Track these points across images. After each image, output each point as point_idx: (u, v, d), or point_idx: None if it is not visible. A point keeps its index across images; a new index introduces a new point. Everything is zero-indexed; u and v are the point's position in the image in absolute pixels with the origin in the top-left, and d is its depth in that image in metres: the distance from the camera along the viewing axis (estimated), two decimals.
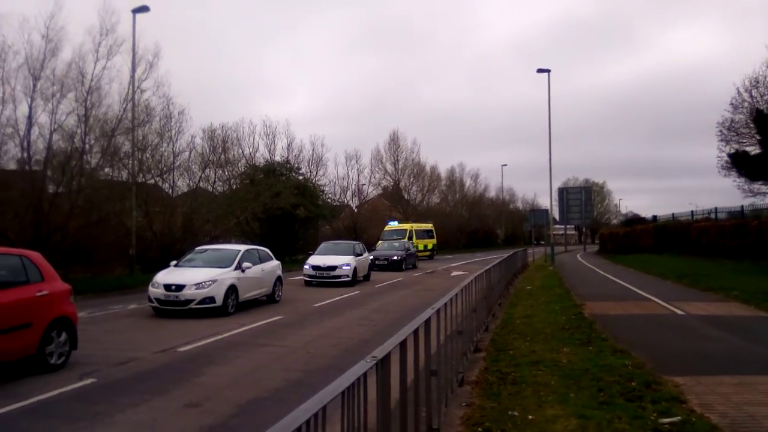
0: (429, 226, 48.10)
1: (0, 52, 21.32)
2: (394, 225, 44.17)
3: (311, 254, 24.04)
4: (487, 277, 11.64)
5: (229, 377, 8.05)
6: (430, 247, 46.78)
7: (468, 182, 77.21)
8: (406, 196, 63.54)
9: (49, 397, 6.90)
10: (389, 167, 62.39)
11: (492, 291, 12.64)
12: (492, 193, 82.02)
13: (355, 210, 56.83)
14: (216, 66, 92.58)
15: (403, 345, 3.80)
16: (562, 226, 57.69)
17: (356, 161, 57.13)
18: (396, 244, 35.66)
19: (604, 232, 64.95)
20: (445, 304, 5.90)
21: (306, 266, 22.61)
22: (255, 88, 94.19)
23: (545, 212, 43.87)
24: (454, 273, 28.52)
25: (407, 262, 31.99)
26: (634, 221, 60.75)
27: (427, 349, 4.79)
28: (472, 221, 71.71)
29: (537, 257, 39.74)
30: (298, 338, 11.04)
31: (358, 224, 50.42)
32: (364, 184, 58.85)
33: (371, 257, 31.33)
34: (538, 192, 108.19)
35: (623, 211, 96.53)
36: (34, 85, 21.74)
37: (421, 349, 4.57)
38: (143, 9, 23.18)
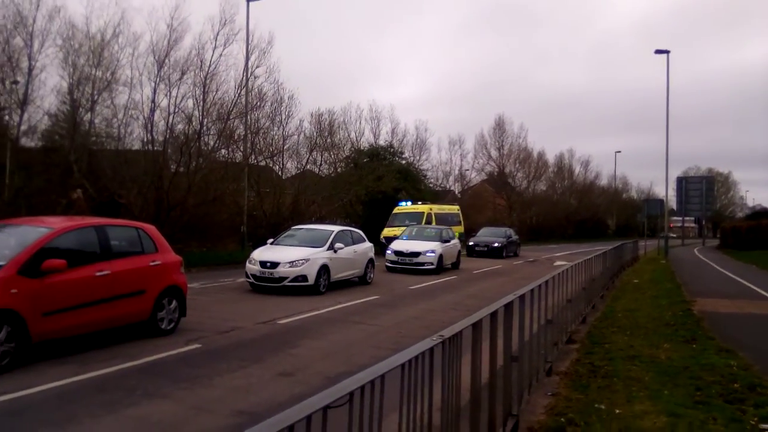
0: (454, 209, 36.75)
1: (132, 40, 23.13)
2: (405, 206, 32.66)
3: (396, 238, 23.59)
4: (588, 267, 11.25)
5: (321, 351, 8.38)
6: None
7: (577, 169, 74.23)
8: (511, 182, 62.23)
9: (157, 359, 7.51)
10: (494, 152, 61.30)
11: (593, 282, 12.20)
12: (603, 181, 78.40)
13: (458, 195, 56.53)
14: (326, 52, 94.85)
15: (476, 326, 3.79)
16: (680, 218, 54.25)
17: (459, 146, 56.76)
18: (495, 230, 34.31)
19: (725, 225, 60.23)
20: (531, 290, 5.80)
21: (388, 251, 21.88)
22: (364, 73, 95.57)
23: (660, 202, 41.26)
24: (558, 263, 27.70)
25: (508, 249, 31.38)
26: (760, 215, 55.93)
27: (507, 334, 4.74)
28: (580, 210, 69.04)
29: (649, 250, 37.69)
30: (391, 318, 11.25)
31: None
32: (467, 170, 58.39)
33: (471, 243, 31.14)
34: (655, 181, 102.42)
35: (750, 204, 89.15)
36: (158, 71, 23.37)
37: (500, 334, 4.55)
38: None
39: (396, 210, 32.37)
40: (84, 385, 6.29)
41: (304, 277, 13.93)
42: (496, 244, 30.69)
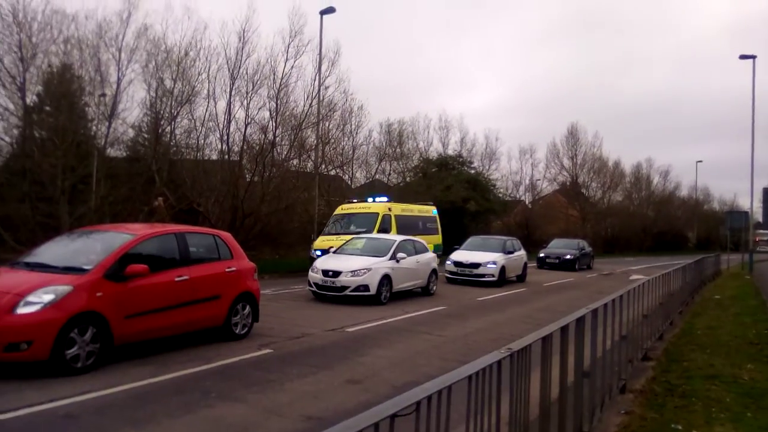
0: (429, 210, 24.63)
1: (207, 54, 24.15)
2: (351, 206, 22.63)
3: (456, 248, 22.02)
4: (666, 281, 10.81)
5: (388, 360, 8.43)
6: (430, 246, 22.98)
7: (656, 179, 71.19)
8: (584, 193, 60.55)
9: (231, 363, 7.77)
10: (566, 162, 59.68)
11: (672, 297, 11.70)
12: (684, 191, 74.85)
13: (529, 206, 55.52)
14: (395, 61, 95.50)
15: (546, 340, 3.74)
16: (766, 231, 51.18)
17: (531, 155, 55.72)
18: (567, 242, 32.46)
19: None
20: (605, 305, 5.63)
21: (448, 262, 20.76)
22: (434, 83, 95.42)
23: (745, 214, 39.10)
24: (634, 277, 26.69)
25: (581, 261, 30.45)
26: None
27: (579, 350, 4.64)
28: (658, 222, 66.25)
29: (732, 264, 35.77)
30: (459, 330, 11.18)
31: (530, 221, 49.27)
32: (538, 179, 57.21)
33: (541, 255, 30.40)
34: (739, 192, 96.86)
35: None
36: (232, 84, 24.28)
37: (571, 349, 4.45)
38: (330, 10, 24.66)
39: (337, 210, 22.45)
40: (163, 386, 6.58)
41: (365, 287, 13.95)
42: (568, 256, 29.82)
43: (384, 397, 6.51)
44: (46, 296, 6.68)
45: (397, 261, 14.94)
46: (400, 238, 16.57)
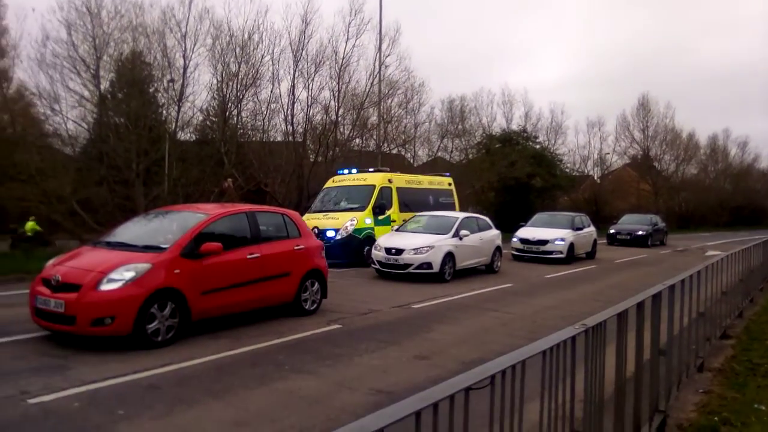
0: (442, 182, 21.14)
1: (271, 37, 24.49)
2: (343, 176, 19.30)
3: (522, 226, 21.58)
4: (746, 257, 10.31)
5: (455, 336, 8.44)
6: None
7: (733, 151, 67.37)
8: (656, 166, 58.16)
9: (303, 337, 7.99)
10: (637, 134, 57.38)
11: (752, 274, 11.16)
12: (763, 163, 70.76)
13: (597, 181, 53.90)
14: (456, 37, 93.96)
15: (621, 316, 3.65)
16: None
17: (599, 129, 53.87)
18: (639, 217, 31.07)
19: None
20: (682, 281, 5.43)
21: (514, 239, 20.34)
22: (497, 57, 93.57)
23: None
24: (710, 252, 25.58)
25: (654, 237, 29.38)
26: None
27: (655, 327, 4.50)
28: (736, 195, 62.85)
29: None
30: (526, 307, 11.05)
31: (599, 196, 47.84)
32: (607, 153, 55.34)
33: (612, 231, 29.52)
34: None
35: None
36: (295, 65, 24.57)
37: (647, 326, 4.33)
38: None
39: (327, 183, 19.41)
40: (238, 359, 6.84)
41: (428, 264, 13.93)
42: (640, 232, 28.81)
43: (453, 372, 6.54)
44: (127, 273, 7.00)
45: (461, 238, 14.83)
46: (462, 215, 16.46)
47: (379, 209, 17.38)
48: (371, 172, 19.00)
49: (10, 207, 21.17)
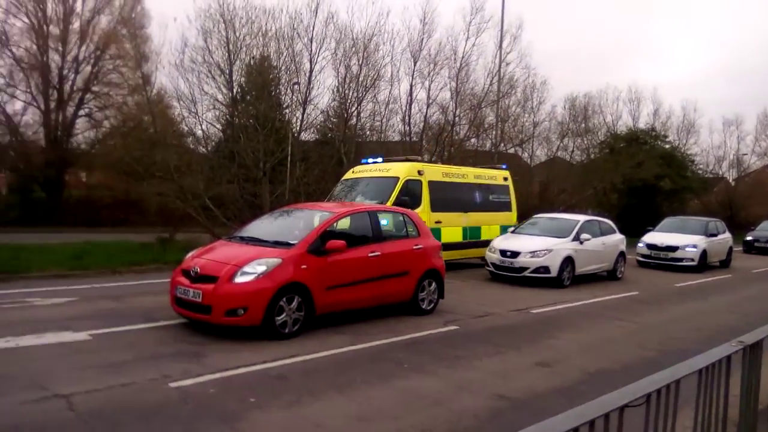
0: (494, 175, 17.57)
1: (390, 39, 24.87)
2: (365, 167, 15.91)
3: (649, 230, 20.24)
4: None
5: (579, 344, 8.12)
6: (495, 229, 16.65)
7: None
8: None
9: (420, 337, 8.01)
10: None
11: None
12: None
13: (732, 183, 49.72)
14: (581, 32, 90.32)
15: None
16: None
17: (736, 127, 49.52)
18: None
19: None
20: None
21: (640, 244, 19.17)
22: (624, 53, 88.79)
23: None
24: None
25: None
26: None
27: None
28: None
29: None
30: (655, 317, 10.41)
31: (734, 200, 44.09)
32: (745, 154, 50.79)
33: (749, 238, 27.14)
34: None
35: None
36: (414, 66, 24.74)
37: None
38: None
39: (347, 174, 16.46)
40: (359, 355, 6.99)
41: (546, 269, 13.42)
42: None
43: (577, 382, 6.30)
44: (259, 267, 7.36)
45: (581, 242, 14.17)
46: (583, 218, 15.75)
47: (403, 206, 12.70)
48: (398, 161, 15.50)
49: (150, 202, 22.98)
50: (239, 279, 7.27)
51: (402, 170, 14.59)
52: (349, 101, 25.40)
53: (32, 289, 10.22)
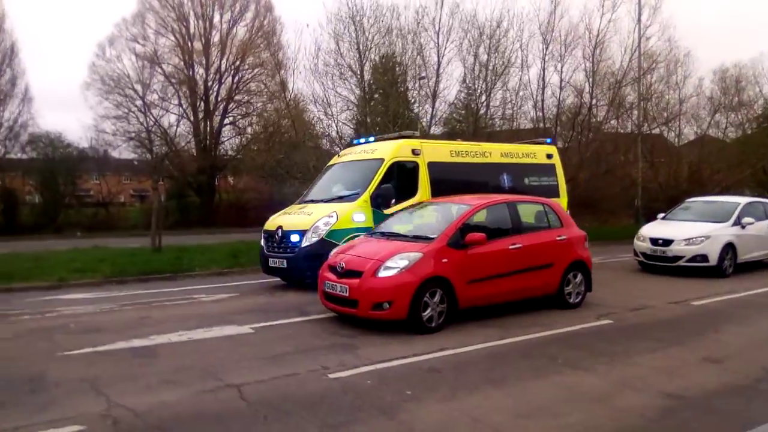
0: (531, 152, 13.83)
1: (519, 23, 24.18)
2: (351, 149, 13.22)
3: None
4: None
5: (750, 338, 7.43)
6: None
7: None
8: None
9: (572, 331, 7.70)
10: None
11: None
12: None
13: None
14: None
15: None
16: None
17: None
18: None
19: None
20: None
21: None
22: None
23: None
24: None
25: None
26: None
27: None
28: None
29: None
30: None
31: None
32: None
33: None
34: None
35: None
36: (545, 49, 23.88)
37: None
38: None
39: (332, 160, 13.74)
40: (509, 349, 6.85)
41: (703, 257, 12.33)
42: None
43: (753, 380, 5.75)
44: (401, 262, 7.46)
45: (743, 227, 12.92)
46: (744, 200, 14.30)
47: (383, 198, 10.91)
48: (390, 139, 12.40)
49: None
50: (383, 273, 7.42)
51: (389, 150, 11.59)
52: (478, 91, 25.08)
53: (197, 286, 11.15)
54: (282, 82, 25.91)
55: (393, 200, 10.85)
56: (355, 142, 13.63)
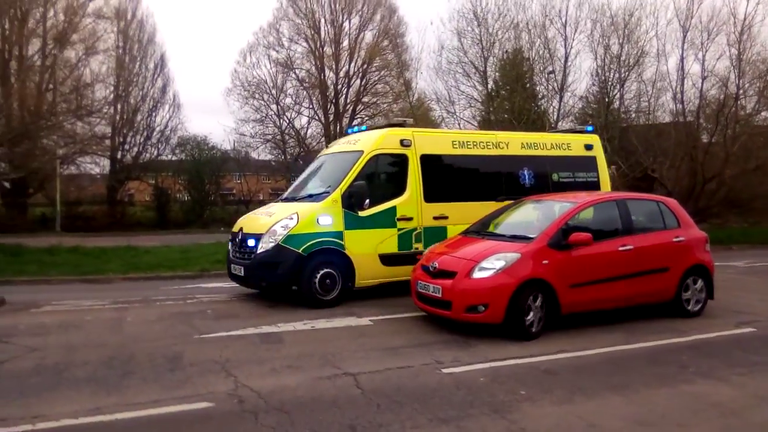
0: (566, 142, 11.59)
1: (654, 11, 22.72)
2: (338, 141, 12.03)
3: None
4: None
5: None
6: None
7: None
8: None
9: (707, 339, 7.16)
10: None
11: None
12: None
13: None
14: None
15: None
16: None
17: None
18: None
19: None
20: None
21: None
22: None
23: None
24: None
25: None
26: None
27: None
28: None
29: None
30: None
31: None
32: None
33: None
34: None
35: None
36: (684, 36, 22.20)
37: None
38: None
39: (321, 152, 12.61)
40: (634, 355, 6.51)
41: None
42: None
43: None
44: (497, 263, 7.01)
45: None
46: None
47: (356, 197, 9.25)
48: (381, 128, 10.40)
49: None
50: (477, 274, 7.04)
51: (371, 141, 9.86)
52: (610, 83, 23.88)
53: None
54: (406, 82, 26.26)
55: (367, 200, 9.24)
56: (347, 131, 11.73)
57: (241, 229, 9.71)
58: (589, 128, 12.41)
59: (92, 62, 25.63)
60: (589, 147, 11.65)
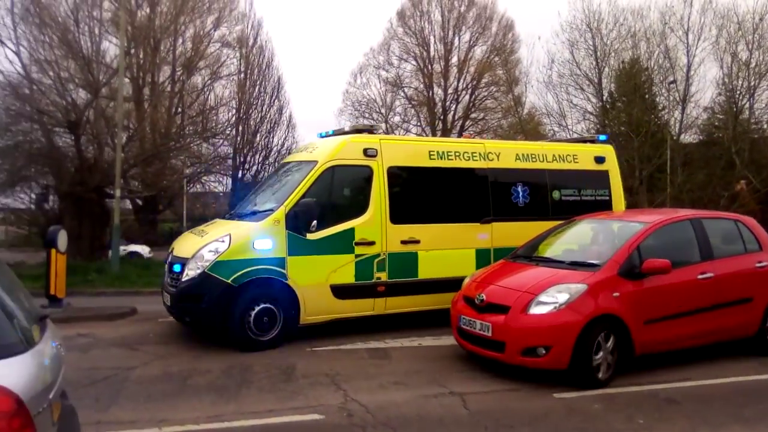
0: (574, 152, 9.68)
1: None
2: (301, 147, 10.24)
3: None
4: None
5: None
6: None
7: None
8: None
9: None
10: None
11: None
12: None
13: None
14: None
15: None
16: None
17: None
18: None
19: None
20: None
21: None
22: None
23: None
24: None
25: None
26: None
27: None
28: None
29: None
30: None
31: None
32: None
33: None
34: None
35: None
36: None
37: None
38: None
39: (283, 160, 11.62)
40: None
41: None
42: None
43: None
44: (560, 296, 5.92)
45: None
46: None
47: (303, 216, 7.57)
48: (343, 135, 8.80)
49: None
50: (535, 310, 5.92)
51: (328, 150, 8.22)
52: (738, 92, 22.22)
53: None
54: (515, 97, 25.90)
55: (314, 221, 7.57)
56: (317, 135, 9.58)
57: (171, 251, 8.26)
58: (602, 137, 10.69)
59: (216, 87, 27.36)
60: (600, 160, 9.87)
